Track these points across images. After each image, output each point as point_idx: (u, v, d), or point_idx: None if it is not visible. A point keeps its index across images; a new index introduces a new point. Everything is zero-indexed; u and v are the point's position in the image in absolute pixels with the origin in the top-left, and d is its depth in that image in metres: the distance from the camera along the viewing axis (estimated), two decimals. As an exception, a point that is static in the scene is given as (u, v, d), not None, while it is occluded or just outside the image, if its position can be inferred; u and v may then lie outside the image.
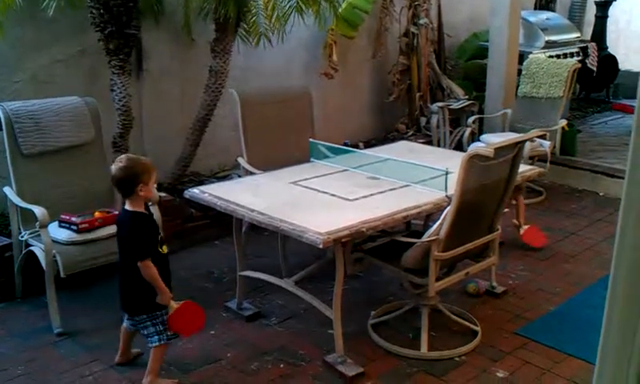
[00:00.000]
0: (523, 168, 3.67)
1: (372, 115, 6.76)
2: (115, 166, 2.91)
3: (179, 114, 5.12)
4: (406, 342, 3.39)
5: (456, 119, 6.38)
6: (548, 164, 5.22)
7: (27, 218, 3.68)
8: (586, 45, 7.58)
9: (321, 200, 3.39)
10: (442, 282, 3.27)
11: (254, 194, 3.47)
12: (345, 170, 3.91)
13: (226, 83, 4.79)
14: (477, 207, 3.25)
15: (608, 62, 8.52)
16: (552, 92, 5.85)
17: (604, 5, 8.75)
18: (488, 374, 3.16)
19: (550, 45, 6.98)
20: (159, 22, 4.88)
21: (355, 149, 4.64)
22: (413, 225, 4.00)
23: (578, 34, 7.71)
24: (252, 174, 4.04)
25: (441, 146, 6.12)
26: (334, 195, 3.43)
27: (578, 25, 8.62)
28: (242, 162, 4.24)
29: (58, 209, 3.69)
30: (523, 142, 3.38)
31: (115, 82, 4.33)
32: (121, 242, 3.00)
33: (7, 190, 3.78)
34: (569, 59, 6.59)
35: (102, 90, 4.42)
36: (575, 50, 7.21)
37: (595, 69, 7.80)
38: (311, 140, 4.25)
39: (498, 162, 3.14)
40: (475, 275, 3.70)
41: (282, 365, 3.24)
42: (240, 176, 4.36)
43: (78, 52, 4.55)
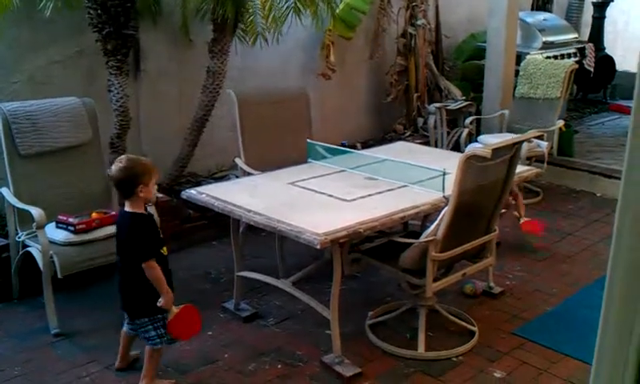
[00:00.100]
0: (520, 169, 3.67)
1: (369, 116, 6.75)
2: (115, 167, 2.87)
3: (177, 115, 5.11)
4: (403, 343, 3.39)
5: (453, 120, 6.39)
6: (545, 165, 5.24)
7: (24, 218, 3.67)
8: (583, 46, 7.59)
9: (318, 201, 3.39)
10: (439, 283, 3.27)
11: (252, 195, 3.46)
12: (342, 170, 3.91)
13: (224, 84, 4.78)
14: (474, 208, 3.26)
15: (605, 62, 8.52)
16: (549, 93, 5.86)
17: (601, 6, 8.76)
18: (485, 374, 3.16)
19: (548, 46, 6.99)
20: (157, 23, 4.87)
21: (353, 149, 4.64)
22: (410, 225, 4.00)
23: (576, 35, 7.71)
24: (249, 174, 4.04)
25: (438, 146, 6.13)
26: (331, 196, 3.43)
27: (576, 26, 8.62)
28: (240, 162, 4.24)
29: (56, 209, 3.68)
30: (520, 143, 3.39)
31: (113, 83, 4.32)
32: (121, 244, 2.96)
33: (4, 190, 3.77)
34: (566, 60, 6.61)
35: (100, 90, 4.41)
36: (572, 50, 7.23)
37: (592, 70, 7.81)
38: (309, 140, 4.25)
39: (496, 162, 3.14)
40: (472, 276, 3.70)
41: (279, 365, 3.24)
42: (237, 177, 4.36)
43: (75, 53, 4.55)
